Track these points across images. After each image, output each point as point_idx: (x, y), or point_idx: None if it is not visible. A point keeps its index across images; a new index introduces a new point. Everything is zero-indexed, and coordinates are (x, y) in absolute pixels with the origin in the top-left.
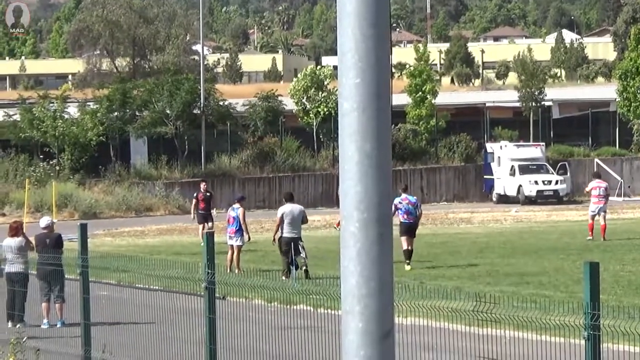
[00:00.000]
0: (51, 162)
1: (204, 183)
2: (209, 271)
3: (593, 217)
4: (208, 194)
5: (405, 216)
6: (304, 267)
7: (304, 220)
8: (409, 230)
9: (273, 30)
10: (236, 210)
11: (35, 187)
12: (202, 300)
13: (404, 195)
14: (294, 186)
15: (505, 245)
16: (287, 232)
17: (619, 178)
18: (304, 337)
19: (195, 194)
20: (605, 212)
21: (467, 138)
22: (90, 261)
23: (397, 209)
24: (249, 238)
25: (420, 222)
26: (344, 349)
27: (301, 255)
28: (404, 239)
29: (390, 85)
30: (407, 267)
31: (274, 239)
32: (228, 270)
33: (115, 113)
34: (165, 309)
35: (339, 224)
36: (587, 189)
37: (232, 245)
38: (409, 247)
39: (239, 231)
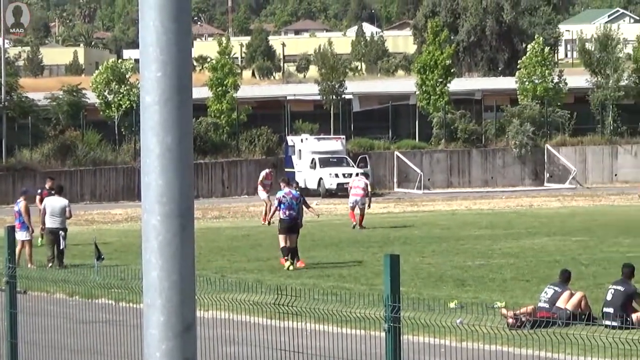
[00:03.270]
0: None
1: (50, 180)
2: (10, 265)
3: (352, 208)
4: (53, 191)
5: (287, 212)
6: (55, 259)
7: (68, 214)
8: (290, 227)
9: (75, 23)
10: (19, 204)
11: None
12: (3, 294)
13: (287, 189)
14: (95, 180)
15: (305, 238)
16: (49, 224)
17: (418, 171)
18: (106, 330)
19: (39, 190)
20: (364, 204)
21: (268, 131)
22: None
23: (280, 203)
24: (33, 231)
25: (304, 219)
26: (146, 343)
27: (61, 247)
28: (282, 237)
29: (192, 78)
30: (288, 265)
31: (42, 228)
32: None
33: None
34: None
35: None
36: (350, 184)
37: (21, 240)
38: (288, 244)
39: (24, 225)
